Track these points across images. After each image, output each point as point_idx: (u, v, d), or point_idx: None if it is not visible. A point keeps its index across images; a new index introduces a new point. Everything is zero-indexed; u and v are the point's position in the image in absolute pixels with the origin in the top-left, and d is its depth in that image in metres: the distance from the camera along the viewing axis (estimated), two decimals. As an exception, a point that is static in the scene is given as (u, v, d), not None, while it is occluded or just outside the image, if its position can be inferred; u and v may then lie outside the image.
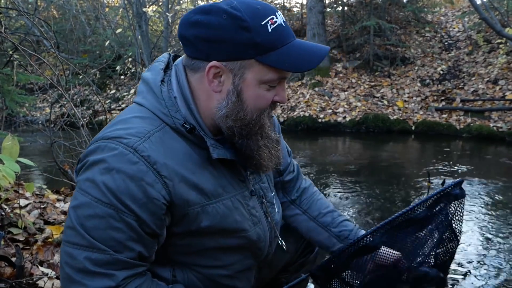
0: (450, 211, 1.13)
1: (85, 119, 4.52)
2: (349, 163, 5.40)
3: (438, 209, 1.11)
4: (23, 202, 2.51)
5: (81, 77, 8.72)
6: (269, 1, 12.65)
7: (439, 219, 1.12)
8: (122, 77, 11.34)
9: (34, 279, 1.76)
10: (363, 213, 3.44)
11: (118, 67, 10.39)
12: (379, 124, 7.61)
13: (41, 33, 4.49)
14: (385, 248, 1.10)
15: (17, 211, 2.23)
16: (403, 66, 9.04)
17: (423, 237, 1.12)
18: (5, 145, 1.74)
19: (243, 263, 1.15)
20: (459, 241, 1.18)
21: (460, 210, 1.15)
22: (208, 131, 1.05)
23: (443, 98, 7.84)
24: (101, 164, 0.92)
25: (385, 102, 8.10)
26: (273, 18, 0.97)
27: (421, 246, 1.13)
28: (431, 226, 1.11)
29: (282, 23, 0.99)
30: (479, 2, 7.41)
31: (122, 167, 0.91)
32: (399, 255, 1.12)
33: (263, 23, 0.95)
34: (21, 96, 3.37)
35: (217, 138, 1.06)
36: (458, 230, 1.16)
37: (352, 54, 9.82)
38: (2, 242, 1.89)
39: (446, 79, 8.33)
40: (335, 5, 10.51)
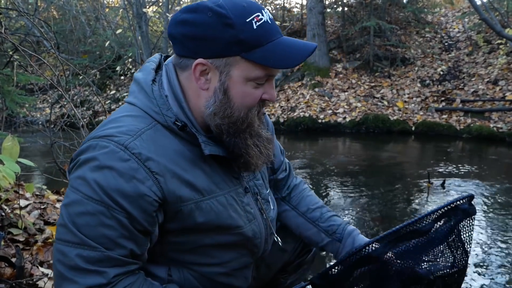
0: (458, 227, 1.10)
1: (85, 120, 4.52)
2: (349, 164, 5.40)
3: (444, 222, 1.08)
4: (23, 202, 2.51)
5: (81, 77, 8.72)
6: (269, 1, 12.66)
7: (445, 232, 1.09)
8: (122, 77, 11.34)
9: (34, 280, 1.76)
10: (364, 214, 3.43)
11: (118, 68, 10.40)
12: (379, 124, 7.61)
13: (41, 33, 4.49)
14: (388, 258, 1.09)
15: (17, 211, 2.23)
16: (403, 67, 9.04)
17: (427, 248, 1.09)
18: (5, 145, 1.74)
19: (239, 260, 1.16)
20: (468, 257, 1.15)
21: (470, 229, 1.11)
22: (200, 129, 1.06)
23: (443, 98, 7.84)
24: (92, 162, 0.93)
25: (385, 103, 8.10)
26: (258, 16, 0.97)
27: (424, 257, 1.10)
28: (435, 237, 1.09)
29: (268, 20, 0.99)
30: (479, 3, 7.41)
31: (113, 164, 0.92)
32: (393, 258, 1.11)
33: (248, 20, 0.95)
34: (21, 96, 3.37)
35: (209, 136, 1.07)
36: (468, 248, 1.13)
37: (352, 54, 9.82)
38: (2, 243, 1.89)
39: (446, 79, 8.33)
40: (335, 6, 10.52)
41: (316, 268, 2.48)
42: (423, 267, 1.10)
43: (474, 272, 2.36)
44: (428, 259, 1.11)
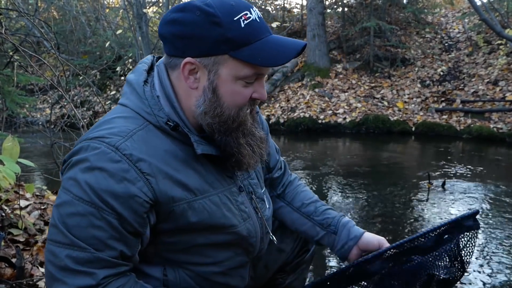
0: (462, 242, 1.09)
1: (85, 120, 4.52)
2: (350, 165, 5.40)
3: (447, 239, 1.07)
4: (23, 203, 2.51)
5: (81, 78, 8.73)
6: (269, 2, 12.67)
7: (447, 248, 1.08)
8: (122, 78, 11.33)
9: (35, 280, 1.76)
10: (364, 215, 3.44)
11: (118, 68, 10.39)
12: (379, 125, 7.61)
13: (42, 34, 4.50)
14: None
15: (18, 212, 2.24)
16: (403, 67, 9.04)
17: (426, 264, 1.08)
18: (6, 146, 1.74)
19: (235, 259, 1.15)
20: (465, 271, 1.14)
21: (472, 242, 1.10)
22: (192, 128, 1.06)
23: (443, 99, 7.84)
24: (84, 163, 0.94)
25: (385, 103, 8.10)
26: (246, 14, 0.97)
27: (424, 272, 1.09)
28: (437, 253, 1.08)
29: (257, 18, 0.99)
30: (479, 3, 7.41)
31: (104, 165, 0.92)
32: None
33: (235, 18, 0.96)
34: (21, 97, 3.38)
35: (202, 135, 1.07)
36: (467, 261, 1.13)
37: (352, 55, 9.83)
38: (3, 243, 1.89)
39: (446, 80, 8.34)
40: (335, 6, 10.52)
41: (314, 268, 2.48)
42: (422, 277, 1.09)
43: (474, 271, 2.36)
44: (428, 273, 1.10)
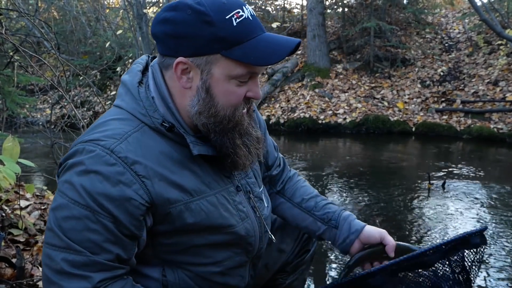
0: (468, 259, 1.09)
1: (85, 120, 4.52)
2: (350, 165, 5.40)
3: (453, 255, 1.07)
4: (23, 203, 2.51)
5: (81, 78, 8.73)
6: (269, 2, 12.67)
7: (453, 265, 1.07)
8: (123, 78, 11.33)
9: (35, 280, 1.76)
10: (364, 215, 3.43)
11: (118, 68, 10.39)
12: (379, 125, 7.61)
13: (42, 34, 4.50)
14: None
15: (18, 212, 2.24)
16: (404, 68, 9.04)
17: (431, 280, 1.07)
18: (6, 146, 1.75)
19: (234, 259, 1.15)
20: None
21: (479, 259, 1.09)
22: (188, 129, 1.05)
23: (443, 99, 7.84)
24: (79, 166, 0.93)
25: (386, 104, 8.10)
26: (239, 12, 0.96)
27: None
28: (442, 270, 1.07)
29: (249, 16, 0.98)
30: (479, 4, 7.41)
31: (99, 168, 0.92)
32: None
33: (227, 17, 0.94)
34: (21, 97, 3.38)
35: (198, 136, 1.06)
36: (473, 277, 1.11)
37: (352, 55, 9.83)
38: (3, 243, 1.89)
39: (447, 80, 8.33)
40: (335, 7, 10.52)
41: (315, 268, 2.48)
42: None
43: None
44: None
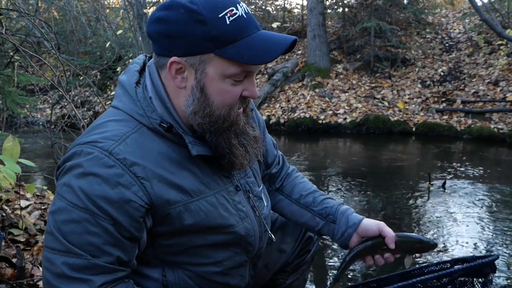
0: (477, 285, 1.08)
1: (85, 120, 4.52)
2: (350, 165, 5.40)
3: (462, 281, 1.06)
4: (23, 203, 2.51)
5: (81, 78, 8.73)
6: (270, 2, 12.67)
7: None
8: (123, 78, 11.32)
9: (35, 280, 1.76)
10: (364, 215, 3.43)
11: (118, 68, 10.40)
12: (379, 125, 7.60)
13: (42, 34, 4.50)
14: None
15: (18, 212, 2.24)
16: (404, 68, 9.04)
17: None
18: (6, 146, 1.74)
19: (234, 259, 1.14)
20: None
21: (488, 286, 1.08)
22: (186, 129, 1.04)
23: (443, 99, 7.84)
24: (77, 168, 0.92)
25: (386, 104, 8.10)
26: (232, 10, 0.94)
27: None
28: None
29: (244, 14, 0.96)
30: (479, 4, 7.41)
31: (97, 171, 0.91)
32: None
33: (220, 15, 0.93)
34: (22, 97, 3.38)
35: (196, 135, 1.05)
36: None
37: (352, 55, 9.82)
38: (3, 243, 1.89)
39: (447, 80, 8.33)
40: (335, 7, 10.52)
41: (315, 268, 2.48)
42: None
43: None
44: None
